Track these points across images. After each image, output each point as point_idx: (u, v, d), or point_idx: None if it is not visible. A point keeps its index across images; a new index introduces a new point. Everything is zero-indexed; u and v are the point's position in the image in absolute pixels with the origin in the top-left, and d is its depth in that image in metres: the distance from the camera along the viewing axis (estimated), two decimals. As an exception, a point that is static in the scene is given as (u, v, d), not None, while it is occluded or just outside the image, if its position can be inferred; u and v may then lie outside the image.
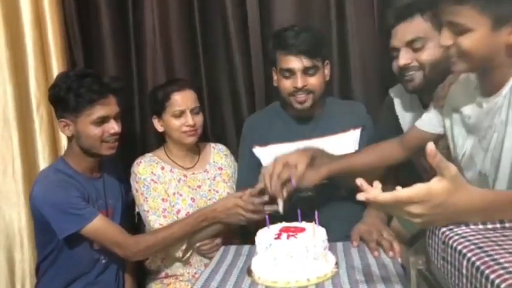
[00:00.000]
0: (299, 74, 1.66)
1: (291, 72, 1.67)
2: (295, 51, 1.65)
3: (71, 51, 2.05)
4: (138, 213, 1.85)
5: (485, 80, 1.16)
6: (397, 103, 1.69)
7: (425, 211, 0.80)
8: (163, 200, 1.77)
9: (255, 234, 1.27)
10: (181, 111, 1.77)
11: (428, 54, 1.44)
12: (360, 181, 0.84)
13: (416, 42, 1.45)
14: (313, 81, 1.68)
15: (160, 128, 1.85)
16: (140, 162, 1.82)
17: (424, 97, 1.55)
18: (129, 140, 2.08)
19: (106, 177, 1.82)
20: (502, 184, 1.12)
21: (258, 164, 1.78)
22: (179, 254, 1.72)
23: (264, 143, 1.78)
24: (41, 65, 1.97)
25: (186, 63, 2.08)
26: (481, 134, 1.16)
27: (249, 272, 1.25)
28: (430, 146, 0.78)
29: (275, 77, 1.76)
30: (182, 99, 1.78)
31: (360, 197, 0.83)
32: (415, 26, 1.45)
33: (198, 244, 1.75)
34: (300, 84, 1.66)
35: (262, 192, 1.55)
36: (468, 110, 1.22)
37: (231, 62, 2.05)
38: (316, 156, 1.53)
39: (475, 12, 1.03)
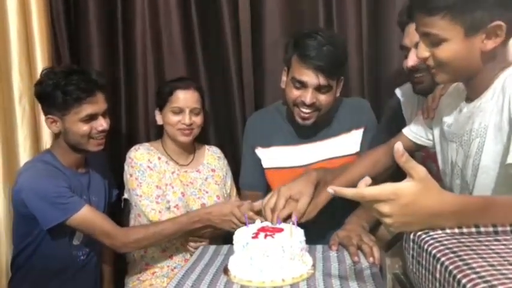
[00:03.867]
0: (311, 90, 1.58)
1: (303, 85, 1.58)
2: (313, 66, 1.54)
3: (56, 44, 2.02)
4: (125, 200, 1.84)
5: (469, 87, 1.17)
6: (404, 103, 1.68)
7: (393, 211, 0.79)
8: (157, 187, 1.77)
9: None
10: (181, 108, 1.79)
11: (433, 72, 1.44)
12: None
13: None
14: (323, 99, 1.61)
15: (160, 121, 1.87)
16: (138, 148, 1.83)
17: None
18: (115, 136, 2.07)
19: (92, 173, 1.81)
20: (480, 192, 1.12)
21: (260, 163, 1.78)
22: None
23: (266, 144, 1.77)
24: (25, 57, 1.93)
25: (181, 62, 2.07)
26: (463, 139, 1.16)
27: (226, 271, 1.24)
28: (397, 145, 0.78)
29: (284, 78, 1.68)
30: (184, 98, 1.80)
31: (329, 190, 0.84)
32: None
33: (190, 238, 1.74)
34: (309, 100, 1.58)
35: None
36: (450, 118, 1.24)
37: (224, 62, 2.04)
38: (320, 181, 1.49)
39: (447, 22, 1.04)
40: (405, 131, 1.43)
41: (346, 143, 1.73)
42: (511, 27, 1.04)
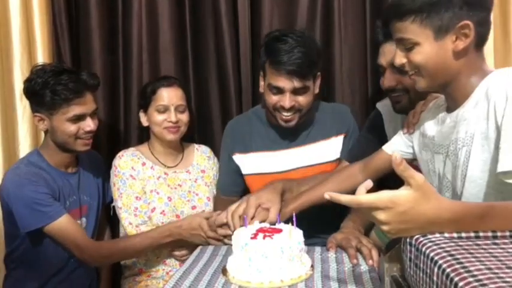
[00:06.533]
0: (288, 94, 1.58)
1: (279, 91, 1.59)
2: (286, 71, 1.54)
3: (57, 42, 2.02)
4: (114, 207, 1.83)
5: (449, 96, 1.18)
6: (386, 118, 1.67)
7: (390, 218, 0.79)
8: (137, 198, 1.76)
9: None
10: (165, 106, 1.77)
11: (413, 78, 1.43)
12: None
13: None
14: (302, 100, 1.61)
15: (145, 123, 1.84)
16: (122, 155, 1.81)
17: None
18: (112, 135, 2.08)
19: (82, 173, 1.79)
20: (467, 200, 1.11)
21: (236, 170, 1.78)
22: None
23: (245, 150, 1.77)
24: (26, 54, 1.94)
25: (174, 61, 2.06)
26: (450, 150, 1.15)
27: (224, 271, 1.24)
28: (395, 155, 0.79)
29: (262, 83, 1.69)
30: (168, 95, 1.78)
31: (325, 195, 0.85)
32: None
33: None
34: (287, 104, 1.59)
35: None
36: (432, 131, 1.24)
37: (220, 61, 2.04)
38: (286, 191, 1.53)
39: (417, 25, 1.09)
40: (385, 147, 1.43)
41: (325, 150, 1.72)
42: (480, 26, 1.08)
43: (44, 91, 1.58)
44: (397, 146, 1.40)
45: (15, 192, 1.58)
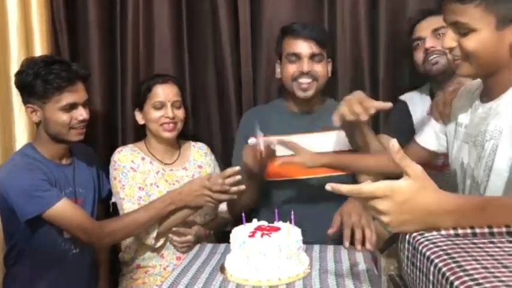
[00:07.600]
0: (306, 59, 1.68)
1: (298, 57, 1.69)
2: (304, 36, 1.67)
3: (55, 37, 2.02)
4: (113, 203, 1.83)
5: (488, 85, 1.15)
6: (411, 105, 1.75)
7: (389, 208, 0.79)
8: (140, 188, 1.76)
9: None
10: (162, 103, 1.78)
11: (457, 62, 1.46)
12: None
13: (442, 29, 1.49)
14: (319, 68, 1.70)
15: (141, 121, 1.85)
16: (121, 150, 1.83)
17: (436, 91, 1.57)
18: (109, 131, 2.08)
19: (77, 165, 1.79)
20: (491, 193, 1.11)
21: None
22: (151, 241, 1.70)
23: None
24: (24, 49, 1.92)
25: (170, 58, 2.06)
26: (477, 140, 1.15)
27: (222, 269, 1.25)
28: (393, 142, 0.78)
29: (278, 69, 1.79)
30: (164, 92, 1.79)
31: (327, 186, 0.84)
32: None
33: (173, 229, 1.71)
34: (305, 68, 1.67)
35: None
36: (465, 118, 1.23)
37: (219, 59, 2.04)
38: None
39: (480, 11, 1.02)
40: (419, 139, 1.39)
41: (339, 138, 1.74)
42: None
43: (36, 81, 1.58)
44: (433, 141, 1.36)
45: (12, 182, 1.57)
